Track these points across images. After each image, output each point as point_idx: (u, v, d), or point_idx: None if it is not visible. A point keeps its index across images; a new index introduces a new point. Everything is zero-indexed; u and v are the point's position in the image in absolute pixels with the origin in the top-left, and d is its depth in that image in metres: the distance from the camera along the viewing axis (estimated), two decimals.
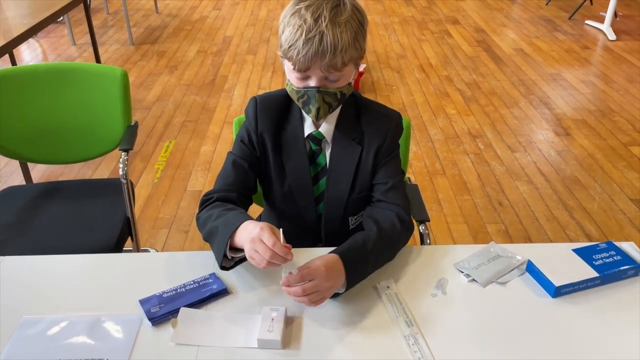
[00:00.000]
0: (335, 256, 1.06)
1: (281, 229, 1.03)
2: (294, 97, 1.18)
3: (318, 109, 1.15)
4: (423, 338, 1.00)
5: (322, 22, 1.07)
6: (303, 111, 1.21)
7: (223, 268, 1.10)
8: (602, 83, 4.00)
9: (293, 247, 1.19)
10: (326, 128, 1.24)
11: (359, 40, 1.12)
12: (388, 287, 1.12)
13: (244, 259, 1.09)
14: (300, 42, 1.07)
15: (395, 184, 1.25)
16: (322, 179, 1.28)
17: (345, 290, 1.08)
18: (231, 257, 1.09)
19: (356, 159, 1.25)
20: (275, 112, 1.25)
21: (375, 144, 1.24)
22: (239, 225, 1.07)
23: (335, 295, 1.09)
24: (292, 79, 1.16)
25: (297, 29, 1.08)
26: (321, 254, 1.08)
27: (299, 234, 1.31)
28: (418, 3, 5.99)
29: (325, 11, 1.08)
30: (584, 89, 3.89)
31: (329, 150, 1.26)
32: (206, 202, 1.22)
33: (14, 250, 1.58)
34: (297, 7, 1.10)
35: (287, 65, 1.15)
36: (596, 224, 2.51)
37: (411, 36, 4.97)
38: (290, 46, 1.09)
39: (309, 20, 1.07)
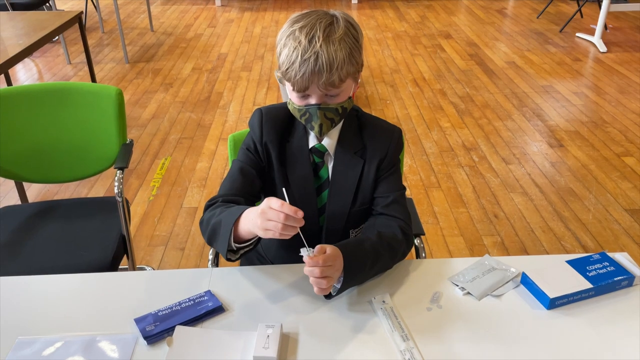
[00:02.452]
0: (335, 247, 1.07)
1: (283, 189, 1.06)
2: (297, 115, 1.21)
3: (321, 125, 1.17)
4: (419, 352, 1.00)
5: (316, 42, 1.09)
6: (307, 127, 1.23)
7: (229, 260, 1.11)
8: (594, 94, 4.04)
9: (293, 260, 1.20)
10: (328, 141, 1.26)
11: (355, 56, 1.14)
12: (384, 301, 1.12)
13: (250, 249, 1.12)
14: (297, 63, 1.10)
15: (397, 198, 1.27)
16: (324, 191, 1.29)
17: (340, 291, 1.09)
18: (236, 248, 1.10)
19: (358, 171, 1.27)
20: (280, 124, 1.27)
21: (377, 157, 1.27)
22: (241, 213, 1.07)
23: (329, 296, 1.10)
24: (293, 98, 1.19)
25: (293, 51, 1.10)
26: None
27: (300, 246, 1.32)
28: (411, 18, 6.06)
29: (318, 31, 1.10)
30: (576, 101, 3.93)
31: (332, 164, 1.28)
32: (210, 206, 1.21)
33: (9, 270, 1.57)
34: (292, 28, 1.13)
35: (287, 86, 1.17)
36: (591, 235, 2.52)
37: (404, 51, 5.02)
38: (287, 68, 1.12)
39: (304, 41, 1.10)
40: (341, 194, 1.28)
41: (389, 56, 4.88)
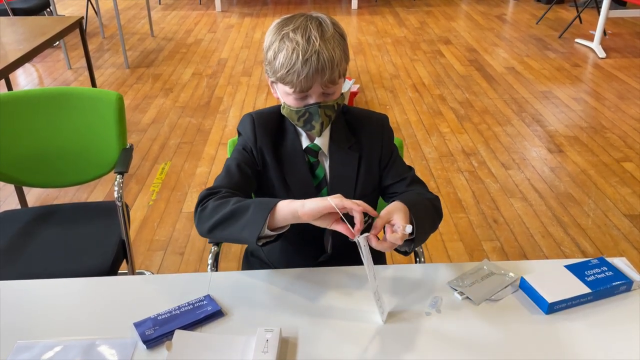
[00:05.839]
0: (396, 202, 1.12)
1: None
2: (293, 117, 1.21)
3: (322, 124, 1.19)
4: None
5: (314, 41, 1.11)
6: (303, 129, 1.24)
7: (260, 244, 1.10)
8: (593, 100, 4.05)
9: (296, 262, 1.21)
10: (321, 140, 1.27)
11: (346, 52, 1.18)
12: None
13: (275, 239, 1.11)
14: (299, 64, 1.10)
15: (411, 176, 1.31)
16: (323, 189, 1.30)
17: (414, 244, 1.12)
18: (268, 234, 1.08)
19: (356, 166, 1.29)
20: (272, 128, 1.28)
21: (373, 151, 1.29)
22: (277, 202, 1.06)
23: (405, 253, 1.15)
24: (289, 101, 1.19)
25: (292, 53, 1.11)
26: (324, 272, 1.11)
27: (302, 247, 1.32)
28: (410, 24, 6.08)
29: (313, 31, 1.12)
30: (575, 106, 3.94)
31: (327, 162, 1.29)
32: (211, 194, 1.16)
33: (8, 274, 1.57)
34: (283, 32, 1.13)
35: (283, 89, 1.18)
36: (591, 240, 2.52)
37: (404, 56, 5.03)
38: (288, 70, 1.12)
39: (302, 42, 1.11)
40: (341, 190, 1.28)
41: (389, 62, 4.90)
